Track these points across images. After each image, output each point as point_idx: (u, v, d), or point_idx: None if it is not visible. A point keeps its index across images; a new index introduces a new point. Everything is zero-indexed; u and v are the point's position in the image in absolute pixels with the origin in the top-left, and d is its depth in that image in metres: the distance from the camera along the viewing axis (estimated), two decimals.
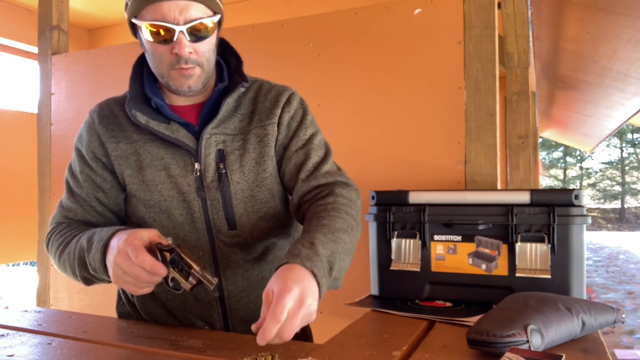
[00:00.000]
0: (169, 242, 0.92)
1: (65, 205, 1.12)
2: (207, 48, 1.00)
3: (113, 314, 1.23)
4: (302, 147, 1.09)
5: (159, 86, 1.10)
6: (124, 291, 1.19)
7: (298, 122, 1.11)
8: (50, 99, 2.42)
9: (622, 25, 2.92)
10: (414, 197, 1.32)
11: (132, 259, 0.87)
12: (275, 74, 1.22)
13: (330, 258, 0.88)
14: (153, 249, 0.91)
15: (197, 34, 0.96)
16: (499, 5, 3.74)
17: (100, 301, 2.32)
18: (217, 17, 0.99)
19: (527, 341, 0.81)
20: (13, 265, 9.15)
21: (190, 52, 0.97)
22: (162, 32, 0.95)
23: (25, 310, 1.22)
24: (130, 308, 1.17)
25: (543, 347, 0.83)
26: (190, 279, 0.91)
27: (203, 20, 0.96)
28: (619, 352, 4.14)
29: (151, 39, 0.96)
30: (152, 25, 0.95)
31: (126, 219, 1.15)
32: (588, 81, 4.74)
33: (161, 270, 0.88)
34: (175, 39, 0.94)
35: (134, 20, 0.98)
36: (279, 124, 1.09)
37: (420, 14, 1.74)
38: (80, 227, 1.07)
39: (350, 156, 1.82)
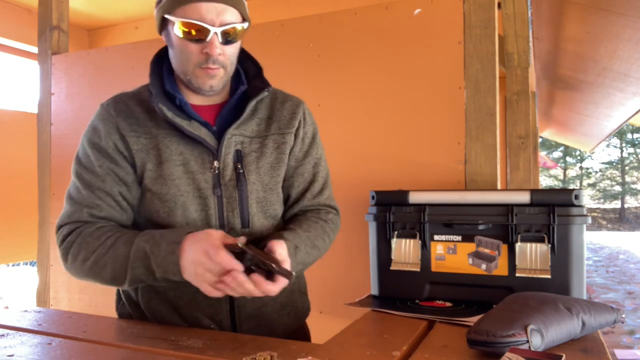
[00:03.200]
0: (240, 243, 0.93)
1: (87, 201, 1.07)
2: (233, 52, 1.06)
3: (113, 314, 1.23)
4: (314, 166, 1.19)
5: (177, 84, 1.12)
6: (124, 291, 1.19)
7: (311, 139, 1.20)
8: (50, 99, 2.42)
9: (622, 25, 2.92)
10: (414, 197, 1.32)
11: (212, 257, 0.90)
12: (275, 74, 1.22)
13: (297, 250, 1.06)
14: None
15: (227, 37, 1.01)
16: (499, 5, 3.74)
17: (100, 301, 2.32)
18: (246, 24, 1.05)
19: (527, 341, 0.81)
20: (13, 265, 9.15)
21: (220, 54, 1.01)
22: (194, 32, 0.99)
23: (25, 310, 1.22)
24: (131, 308, 1.17)
25: (543, 347, 0.83)
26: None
27: (235, 25, 1.01)
28: (619, 352, 4.14)
29: (183, 36, 1.00)
30: (187, 24, 0.98)
31: (136, 216, 1.14)
32: (588, 81, 4.74)
33: (237, 266, 0.91)
34: (208, 39, 0.99)
35: (167, 16, 1.00)
36: (295, 135, 1.16)
37: (420, 14, 1.74)
38: (112, 228, 1.05)
39: (350, 156, 1.82)
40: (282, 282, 0.93)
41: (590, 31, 3.37)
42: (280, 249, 0.96)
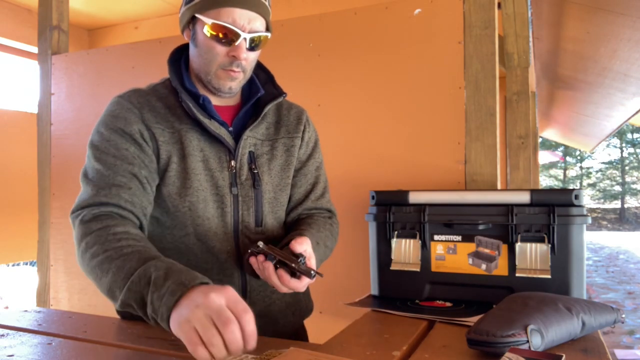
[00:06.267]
0: (260, 244, 0.98)
1: (113, 181, 1.01)
2: (254, 58, 1.11)
3: (113, 314, 1.23)
4: (316, 169, 1.24)
5: (193, 83, 1.14)
6: None
7: (314, 143, 1.25)
8: (50, 99, 2.42)
9: (622, 25, 2.92)
10: (414, 197, 1.32)
11: (221, 290, 0.76)
12: (276, 74, 1.22)
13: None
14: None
15: (252, 44, 1.06)
16: (499, 5, 3.74)
17: (100, 301, 2.32)
18: (269, 34, 1.09)
19: (527, 341, 0.81)
20: (13, 265, 9.15)
21: (244, 58, 1.06)
22: (224, 34, 1.02)
23: (25, 310, 1.22)
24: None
25: (543, 347, 0.83)
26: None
27: (262, 34, 1.06)
28: (619, 352, 4.14)
29: (211, 38, 1.03)
30: (219, 26, 1.01)
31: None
32: (588, 81, 4.74)
33: (247, 307, 0.76)
34: (237, 43, 1.03)
35: (198, 16, 1.03)
36: (302, 139, 1.21)
37: (420, 14, 1.74)
38: (141, 239, 0.97)
39: (351, 156, 1.82)
40: (306, 279, 0.96)
41: (590, 31, 3.38)
42: (306, 246, 0.99)
